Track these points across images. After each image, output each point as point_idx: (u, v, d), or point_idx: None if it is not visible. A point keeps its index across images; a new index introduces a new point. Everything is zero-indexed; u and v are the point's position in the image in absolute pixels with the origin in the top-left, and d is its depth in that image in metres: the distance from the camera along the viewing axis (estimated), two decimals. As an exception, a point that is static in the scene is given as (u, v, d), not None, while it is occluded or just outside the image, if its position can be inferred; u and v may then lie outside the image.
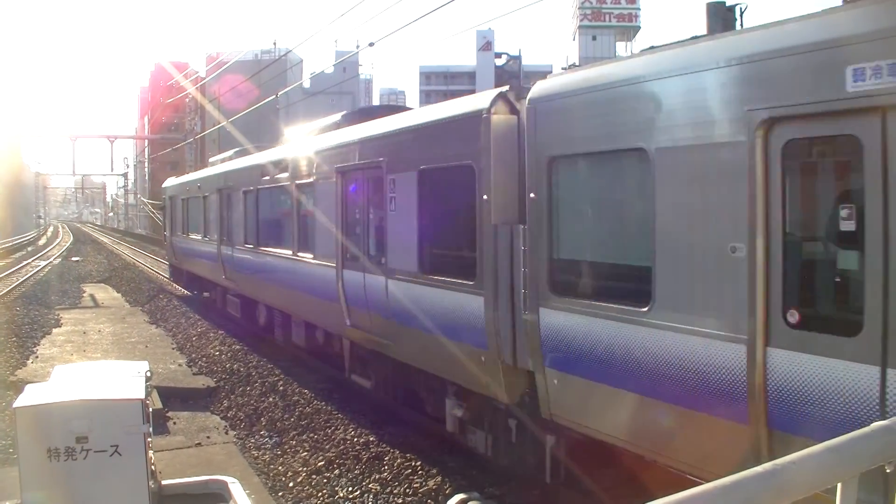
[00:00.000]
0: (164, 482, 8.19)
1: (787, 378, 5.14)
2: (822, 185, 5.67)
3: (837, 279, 5.21)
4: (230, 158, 22.73)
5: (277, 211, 16.97)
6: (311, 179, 13.81)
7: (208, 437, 12.11)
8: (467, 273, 8.68)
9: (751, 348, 5.34)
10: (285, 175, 15.43)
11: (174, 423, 12.81)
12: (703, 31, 7.56)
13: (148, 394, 7.44)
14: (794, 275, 5.33)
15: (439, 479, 9.53)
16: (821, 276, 5.46)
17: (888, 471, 2.01)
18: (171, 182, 31.10)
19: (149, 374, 7.84)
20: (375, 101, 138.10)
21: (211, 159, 26.72)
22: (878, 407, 4.57)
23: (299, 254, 14.50)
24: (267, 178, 16.74)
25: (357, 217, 11.99)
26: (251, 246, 18.12)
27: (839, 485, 1.80)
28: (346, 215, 12.26)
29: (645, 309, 6.29)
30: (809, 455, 1.71)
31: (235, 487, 8.31)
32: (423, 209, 9.75)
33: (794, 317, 5.16)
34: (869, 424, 2.64)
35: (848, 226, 4.89)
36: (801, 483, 1.64)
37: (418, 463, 10.07)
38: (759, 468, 1.62)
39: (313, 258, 13.58)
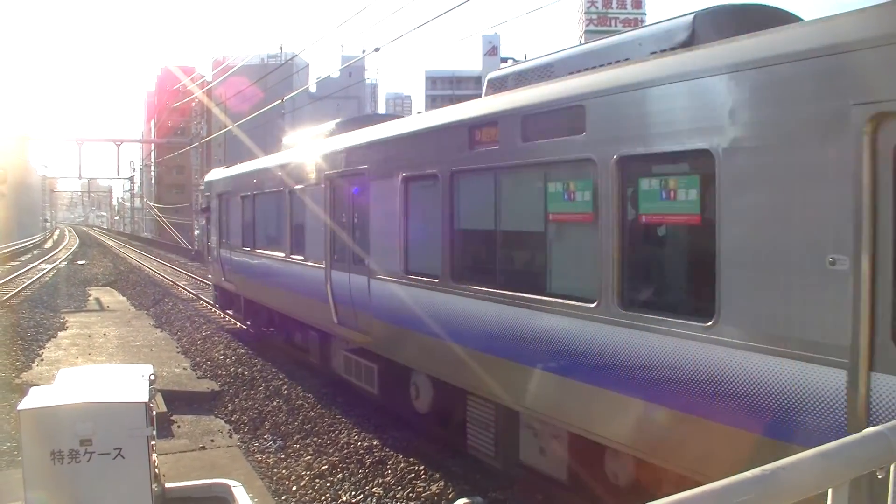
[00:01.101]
0: (167, 485, 8.21)
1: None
2: None
3: None
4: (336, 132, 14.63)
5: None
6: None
7: (212, 441, 12.12)
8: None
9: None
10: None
11: (178, 426, 12.83)
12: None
13: (152, 397, 7.46)
14: None
15: (442, 483, 9.53)
16: None
17: (879, 476, 2.01)
18: (217, 175, 24.02)
19: (153, 377, 7.86)
20: (381, 106, 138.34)
21: (285, 139, 18.78)
22: None
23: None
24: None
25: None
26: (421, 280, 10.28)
27: (830, 490, 1.80)
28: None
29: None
30: (800, 460, 1.71)
31: (239, 491, 8.33)
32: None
33: None
34: None
35: None
36: (791, 488, 1.65)
37: (421, 467, 10.07)
38: (748, 473, 1.62)
39: None
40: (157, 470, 7.65)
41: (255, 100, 49.72)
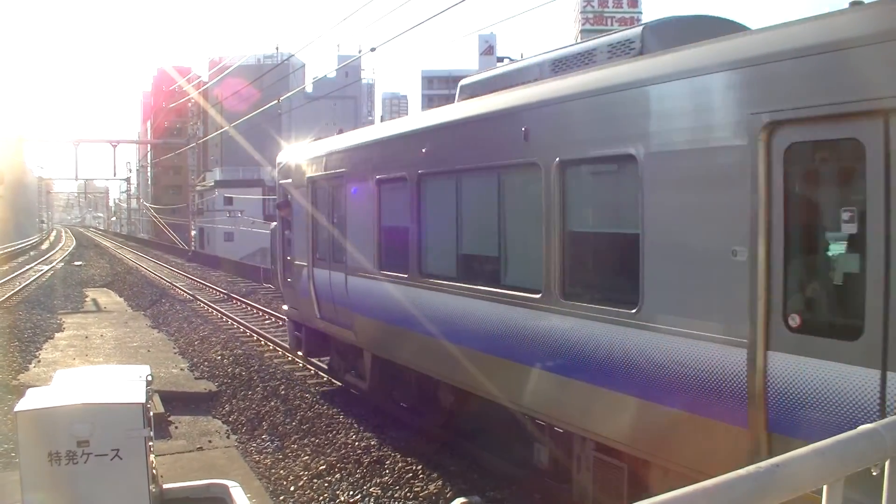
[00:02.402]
0: (165, 486, 8.19)
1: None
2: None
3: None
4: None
5: None
6: None
7: (210, 442, 12.12)
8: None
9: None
10: None
11: (176, 427, 12.82)
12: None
13: (149, 398, 7.44)
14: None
15: (440, 482, 9.54)
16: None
17: (874, 473, 2.02)
18: (305, 151, 15.15)
19: (149, 377, 7.84)
20: (378, 106, 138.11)
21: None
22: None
23: None
24: None
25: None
26: None
27: (825, 487, 1.80)
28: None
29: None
30: (795, 458, 1.72)
31: (237, 491, 8.30)
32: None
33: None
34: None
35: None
36: (786, 486, 1.65)
37: (419, 467, 10.08)
38: (742, 471, 1.63)
39: None
40: (154, 471, 7.63)
41: (252, 100, 49.69)
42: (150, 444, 7.22)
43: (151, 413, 7.52)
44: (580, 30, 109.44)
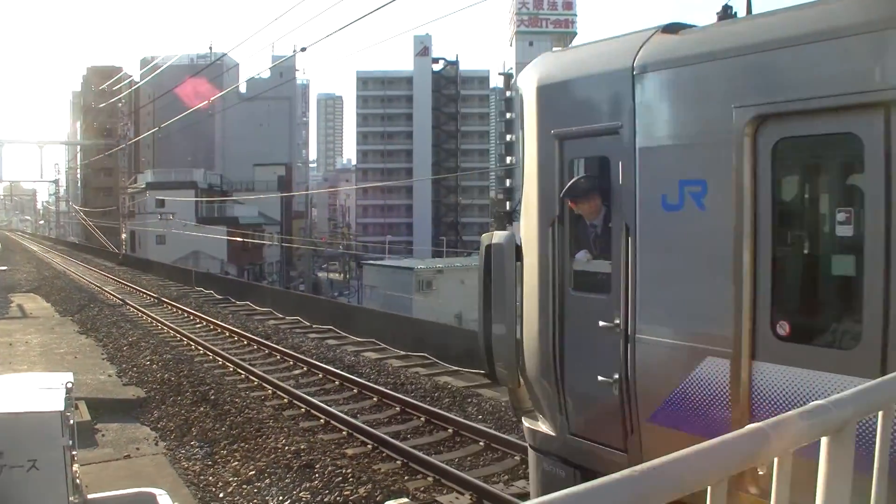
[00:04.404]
0: (89, 496, 8.01)
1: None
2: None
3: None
4: None
5: None
6: None
7: (138, 449, 11.90)
8: None
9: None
10: None
11: (103, 435, 12.56)
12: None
13: (70, 405, 7.28)
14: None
15: (370, 486, 9.53)
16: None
17: (761, 473, 2.08)
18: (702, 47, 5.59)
19: (70, 384, 7.67)
20: (312, 107, 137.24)
21: None
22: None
23: None
24: None
25: None
26: None
27: (709, 487, 1.84)
28: None
29: None
30: (676, 459, 1.74)
31: (164, 499, 8.16)
32: None
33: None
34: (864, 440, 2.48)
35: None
36: (665, 488, 1.66)
37: (349, 471, 10.06)
38: (617, 475, 1.62)
39: None
40: (78, 481, 7.46)
41: (186, 100, 48.94)
42: (74, 453, 7.06)
43: (73, 421, 7.35)
44: (515, 31, 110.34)
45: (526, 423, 6.63)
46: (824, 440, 2.21)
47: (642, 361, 5.41)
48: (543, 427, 6.38)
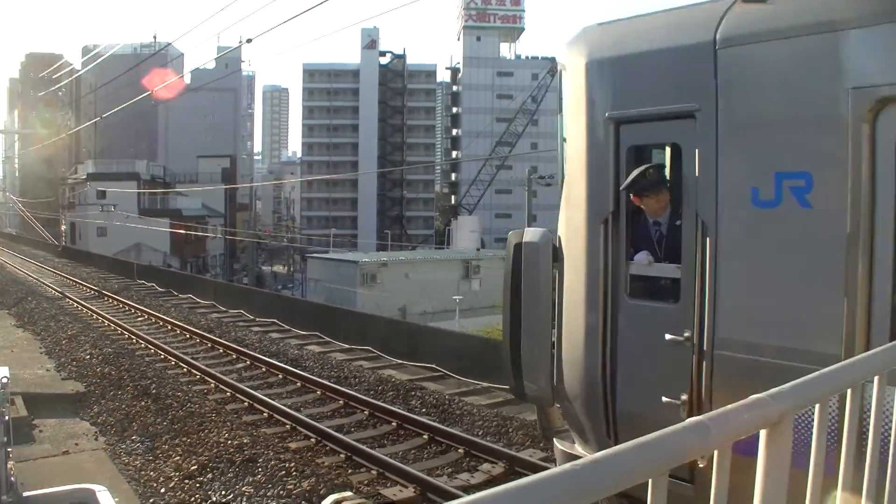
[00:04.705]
0: (25, 494, 7.89)
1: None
2: None
3: None
4: None
5: None
6: None
7: (77, 445, 11.71)
8: None
9: None
10: None
11: (40, 430, 12.32)
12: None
13: (5, 401, 7.17)
14: None
15: (313, 479, 9.54)
16: None
17: (701, 465, 2.08)
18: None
19: (5, 380, 7.54)
20: (258, 99, 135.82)
21: None
22: None
23: None
24: None
25: None
26: None
27: (650, 480, 1.83)
28: None
29: None
30: (616, 453, 1.73)
31: (104, 496, 8.06)
32: None
33: None
34: None
35: None
36: (604, 483, 1.65)
37: (292, 465, 10.05)
38: (557, 470, 1.58)
39: None
40: (12, 479, 7.35)
41: (128, 90, 48.01)
42: (9, 450, 6.96)
43: (8, 417, 7.24)
44: (463, 26, 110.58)
45: (559, 445, 5.87)
46: (763, 433, 2.22)
47: (722, 381, 4.64)
48: (582, 451, 5.56)
